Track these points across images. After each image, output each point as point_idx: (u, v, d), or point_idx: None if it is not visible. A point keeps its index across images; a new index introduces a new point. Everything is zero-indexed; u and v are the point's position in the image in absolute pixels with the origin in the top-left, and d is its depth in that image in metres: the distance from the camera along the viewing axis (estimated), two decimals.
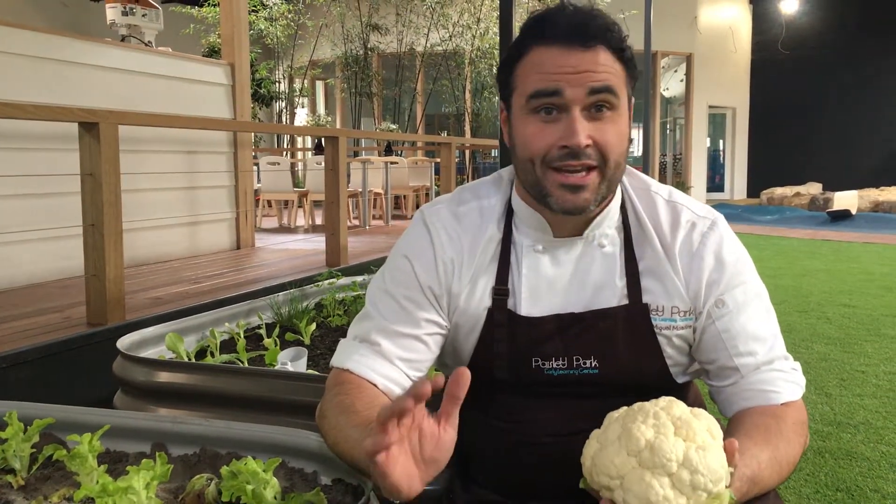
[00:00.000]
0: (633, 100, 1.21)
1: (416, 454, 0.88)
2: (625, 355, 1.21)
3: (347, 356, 1.22)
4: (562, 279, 1.24)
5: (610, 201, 1.23)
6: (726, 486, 0.94)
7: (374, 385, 1.18)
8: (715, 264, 1.21)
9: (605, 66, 1.12)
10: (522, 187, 1.24)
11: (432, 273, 1.24)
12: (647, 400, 1.02)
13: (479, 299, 1.24)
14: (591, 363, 1.21)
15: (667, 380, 1.24)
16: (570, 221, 1.21)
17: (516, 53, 1.18)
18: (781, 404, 1.16)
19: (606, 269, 1.23)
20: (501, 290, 1.24)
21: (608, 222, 1.24)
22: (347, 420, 1.10)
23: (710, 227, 1.23)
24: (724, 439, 0.99)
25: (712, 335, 1.20)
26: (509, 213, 1.28)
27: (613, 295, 1.22)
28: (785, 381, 1.18)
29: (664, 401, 1.00)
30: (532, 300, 1.23)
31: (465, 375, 0.88)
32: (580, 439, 1.05)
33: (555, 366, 1.22)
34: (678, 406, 0.99)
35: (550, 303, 1.23)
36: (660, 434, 0.94)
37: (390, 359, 1.21)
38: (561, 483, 1.20)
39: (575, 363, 1.21)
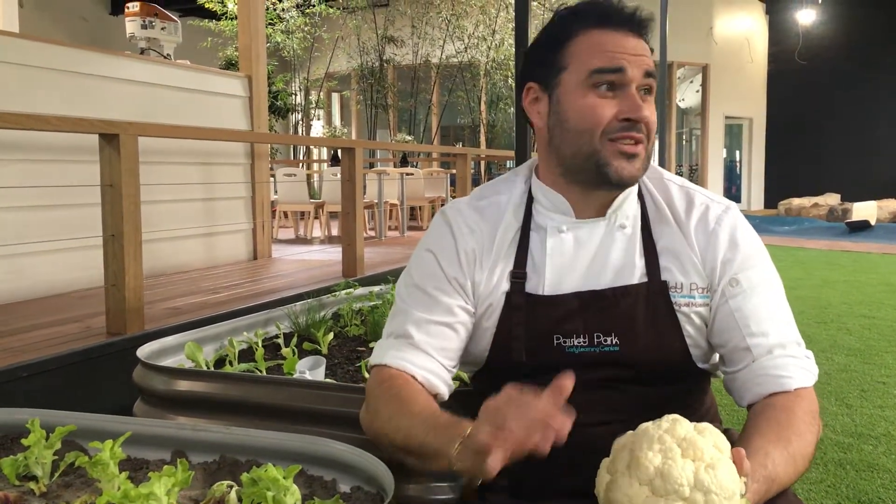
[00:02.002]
0: None
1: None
2: (645, 333, 1.23)
3: (384, 353, 1.27)
4: (584, 259, 1.28)
5: None
6: (741, 496, 0.94)
7: (413, 377, 1.23)
8: (730, 244, 1.25)
9: (649, 54, 1.23)
10: (561, 166, 1.27)
11: (455, 264, 1.29)
12: (671, 388, 1.02)
13: (497, 284, 1.28)
14: (612, 340, 1.23)
15: (687, 363, 1.26)
16: (593, 203, 1.27)
17: (564, 35, 1.24)
18: (793, 392, 1.16)
19: (626, 249, 1.27)
20: (519, 273, 1.28)
21: (628, 204, 1.29)
22: (407, 409, 1.16)
23: (724, 210, 1.29)
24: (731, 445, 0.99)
25: (725, 314, 1.23)
26: (528, 201, 1.33)
27: (633, 274, 1.25)
28: (797, 368, 1.19)
29: (667, 422, 1.00)
30: (555, 279, 1.27)
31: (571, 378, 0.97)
32: (600, 430, 1.05)
33: (576, 343, 1.24)
34: (682, 425, 0.99)
35: (572, 281, 1.27)
36: (668, 459, 0.94)
37: (425, 349, 1.25)
38: (579, 476, 1.20)
39: (596, 340, 1.24)
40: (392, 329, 1.29)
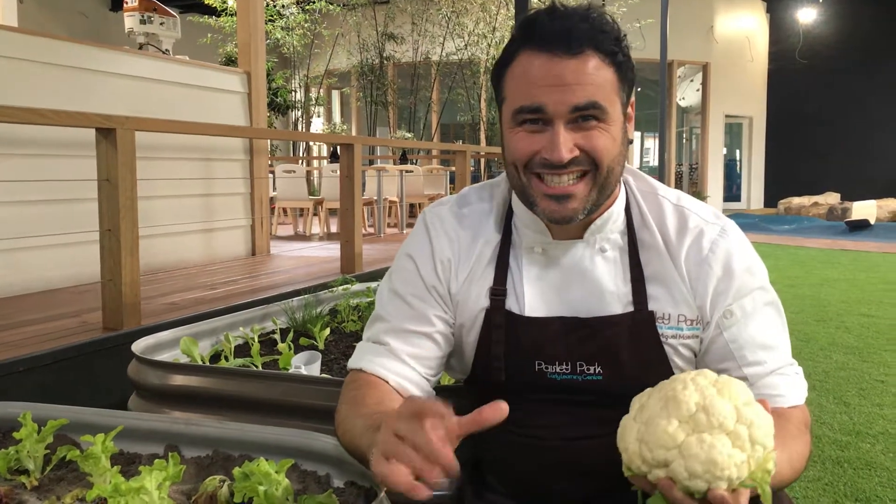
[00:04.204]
0: (632, 98, 1.18)
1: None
2: (630, 364, 1.18)
3: (361, 357, 1.25)
4: (563, 282, 1.22)
5: (610, 205, 1.21)
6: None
7: (387, 382, 1.20)
8: (723, 273, 1.17)
9: (592, 76, 1.08)
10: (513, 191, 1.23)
11: (432, 272, 1.25)
12: None
13: (476, 300, 1.24)
14: (595, 370, 1.19)
15: None
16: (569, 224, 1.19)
17: (506, 57, 1.16)
18: (787, 408, 1.15)
19: (609, 273, 1.21)
20: (498, 290, 1.23)
21: (611, 226, 1.22)
22: (356, 411, 1.11)
23: (719, 234, 1.20)
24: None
25: (720, 346, 1.18)
26: (510, 213, 1.27)
27: (618, 301, 1.19)
28: (789, 386, 1.17)
29: (693, 371, 0.97)
30: (534, 301, 1.22)
31: (503, 409, 0.84)
32: (588, 444, 1.03)
33: (558, 370, 1.20)
34: (710, 372, 0.97)
35: (553, 305, 1.22)
36: (707, 396, 0.91)
37: (401, 357, 1.21)
38: (571, 487, 1.20)
39: (579, 369, 1.19)
40: (370, 335, 1.27)
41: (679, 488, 0.89)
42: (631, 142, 1.21)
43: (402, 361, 1.21)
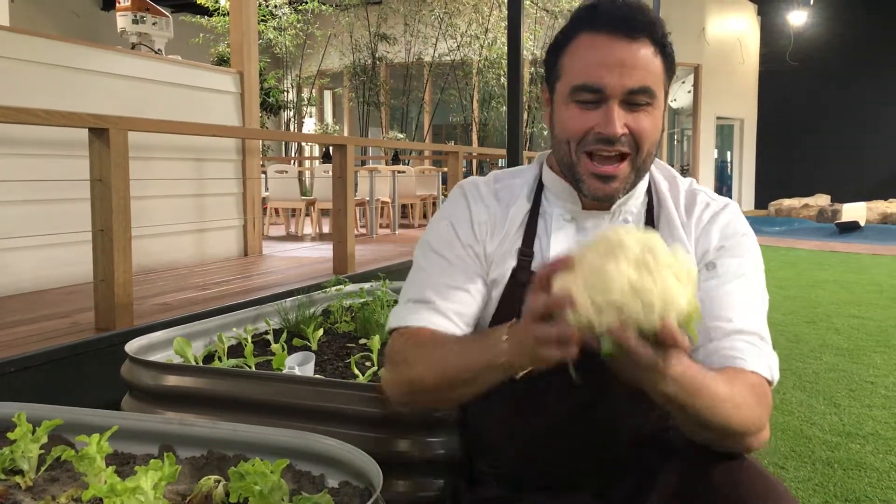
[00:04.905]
0: (669, 90, 1.27)
1: None
2: None
3: (404, 316, 1.29)
4: None
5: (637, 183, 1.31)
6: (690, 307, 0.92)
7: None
8: (720, 234, 1.29)
9: (646, 63, 1.18)
10: (558, 166, 1.32)
11: (470, 232, 1.33)
12: None
13: (505, 258, 1.31)
14: None
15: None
16: None
17: (563, 40, 1.24)
18: (745, 371, 1.15)
19: None
20: (526, 251, 1.31)
21: (634, 201, 1.32)
22: (439, 347, 1.19)
23: (722, 207, 1.33)
24: None
25: None
26: (539, 187, 1.37)
27: None
28: (752, 353, 1.17)
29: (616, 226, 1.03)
30: None
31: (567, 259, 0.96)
32: (591, 414, 1.05)
33: None
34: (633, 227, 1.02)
35: None
36: (648, 239, 0.95)
37: (445, 313, 1.27)
38: (572, 463, 1.24)
39: None
40: (412, 294, 1.31)
41: (632, 328, 0.91)
42: (663, 130, 1.33)
43: (446, 317, 1.26)
